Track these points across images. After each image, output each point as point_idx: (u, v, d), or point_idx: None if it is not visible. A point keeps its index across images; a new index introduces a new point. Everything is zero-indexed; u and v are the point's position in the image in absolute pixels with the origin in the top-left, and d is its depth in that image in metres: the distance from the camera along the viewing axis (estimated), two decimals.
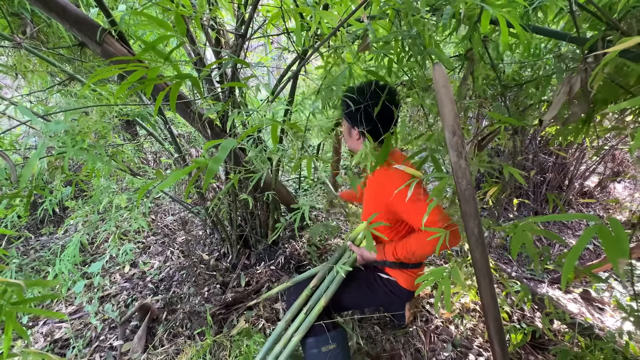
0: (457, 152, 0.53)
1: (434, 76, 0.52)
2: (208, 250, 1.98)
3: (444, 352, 1.26)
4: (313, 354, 1.05)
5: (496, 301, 0.57)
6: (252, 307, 1.51)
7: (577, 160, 2.60)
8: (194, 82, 0.54)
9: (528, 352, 1.31)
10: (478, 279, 0.56)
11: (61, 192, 1.45)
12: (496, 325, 0.58)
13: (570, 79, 0.70)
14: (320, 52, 1.18)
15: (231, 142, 0.43)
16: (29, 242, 2.28)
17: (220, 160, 0.41)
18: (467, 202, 0.53)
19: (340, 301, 1.14)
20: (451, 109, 0.52)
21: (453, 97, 0.52)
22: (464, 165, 0.53)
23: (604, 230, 0.44)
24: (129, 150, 1.72)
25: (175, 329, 1.43)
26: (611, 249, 0.44)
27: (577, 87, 0.68)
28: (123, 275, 1.87)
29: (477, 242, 0.55)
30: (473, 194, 0.54)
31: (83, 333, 1.51)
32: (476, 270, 0.56)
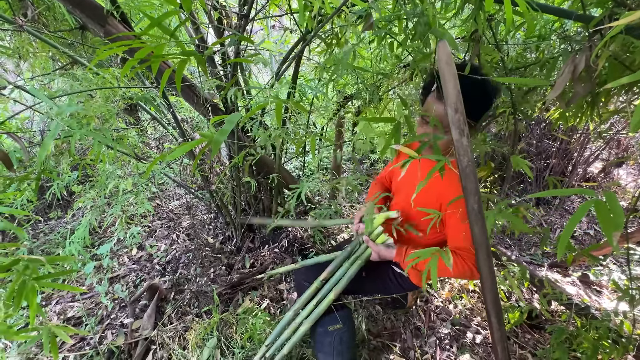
0: (460, 129, 0.54)
1: (438, 53, 0.52)
2: (213, 234, 2.02)
3: (442, 330, 1.30)
4: (320, 332, 1.08)
5: (494, 275, 0.59)
6: (257, 287, 1.56)
7: (581, 145, 2.58)
8: (198, 60, 0.55)
9: (525, 331, 1.35)
10: (477, 252, 0.58)
11: (69, 176, 1.47)
12: (493, 298, 0.60)
13: (574, 58, 0.70)
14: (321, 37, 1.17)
15: (237, 115, 0.44)
16: (38, 226, 2.34)
17: (226, 132, 0.43)
18: (467, 178, 0.55)
19: (350, 288, 1.13)
20: (454, 85, 0.52)
21: (456, 74, 0.52)
22: (466, 143, 0.54)
23: (600, 204, 0.45)
24: (133, 135, 1.73)
25: (183, 307, 1.48)
26: (606, 222, 0.45)
27: (582, 66, 0.68)
28: (131, 258, 1.91)
29: (477, 218, 0.56)
30: (474, 171, 0.55)
31: (94, 312, 1.57)
32: (475, 244, 0.58)
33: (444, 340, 1.27)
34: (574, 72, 0.70)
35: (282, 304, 1.47)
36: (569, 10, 0.76)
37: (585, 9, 0.68)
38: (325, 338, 1.07)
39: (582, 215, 0.46)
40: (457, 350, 1.23)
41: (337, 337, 1.07)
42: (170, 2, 0.49)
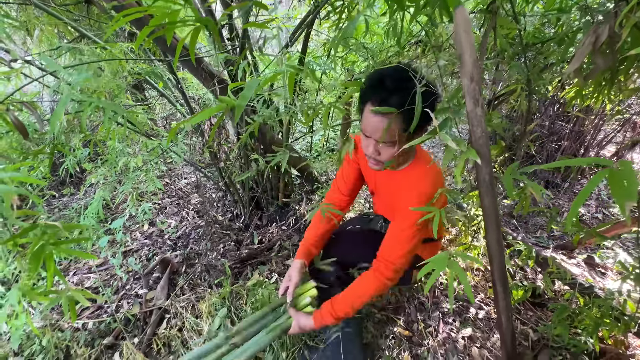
0: (474, 99, 0.53)
1: (456, 20, 0.51)
2: (222, 212, 2.06)
3: (446, 305, 1.34)
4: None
5: (502, 244, 0.60)
6: (265, 262, 1.60)
7: (595, 128, 2.52)
8: (212, 27, 0.54)
9: (527, 308, 1.38)
10: (486, 223, 0.59)
11: (81, 151, 1.50)
12: (500, 267, 0.61)
13: (597, 28, 0.67)
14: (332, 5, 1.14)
15: (256, 81, 0.44)
16: (51, 202, 2.41)
17: (247, 97, 0.43)
18: (480, 149, 0.54)
19: (356, 259, 1.17)
20: (471, 54, 0.51)
21: (474, 42, 0.51)
22: (480, 113, 0.54)
23: (614, 173, 0.45)
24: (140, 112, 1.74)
25: (195, 280, 1.54)
26: (619, 191, 0.45)
27: (604, 36, 0.65)
28: (143, 233, 1.97)
29: (488, 189, 0.57)
30: (486, 142, 0.55)
31: (110, 283, 1.64)
32: (485, 215, 0.58)
33: (447, 315, 1.30)
34: (595, 43, 0.68)
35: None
36: None
37: None
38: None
39: (597, 184, 0.46)
40: (460, 325, 1.27)
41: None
42: None
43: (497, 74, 1.71)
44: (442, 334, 1.24)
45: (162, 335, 1.29)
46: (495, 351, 1.17)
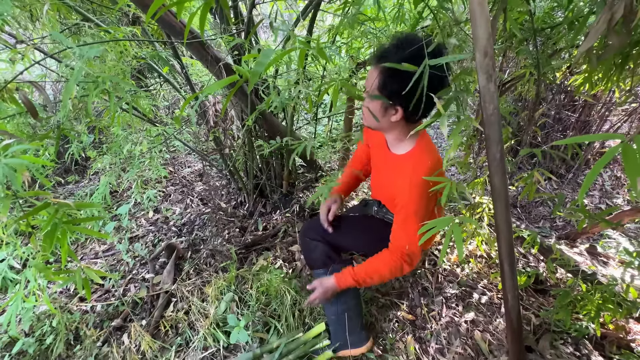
0: (487, 74, 0.52)
1: None
2: (226, 199, 2.07)
3: (449, 290, 1.35)
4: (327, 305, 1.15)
5: (510, 225, 0.60)
6: (269, 249, 1.62)
7: (601, 118, 2.49)
8: (223, 2, 0.53)
9: (530, 295, 1.39)
10: (495, 202, 0.59)
11: (87, 135, 1.50)
12: (507, 248, 0.62)
13: (612, 5, 0.66)
14: None
15: (271, 50, 0.44)
16: (56, 190, 2.42)
17: (263, 65, 0.43)
18: (491, 126, 0.54)
19: (348, 245, 1.19)
20: (485, 28, 0.50)
21: (489, 15, 0.50)
22: (493, 89, 0.53)
23: (627, 148, 0.45)
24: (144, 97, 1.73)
25: (200, 265, 1.56)
26: (632, 167, 0.45)
27: (620, 13, 0.64)
28: (148, 220, 1.99)
29: (498, 167, 0.57)
30: (499, 119, 0.55)
31: (117, 268, 1.66)
32: (493, 194, 0.59)
33: (450, 300, 1.32)
34: (611, 21, 0.67)
35: (294, 264, 1.53)
36: None
37: None
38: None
39: (608, 160, 0.46)
40: (463, 309, 1.28)
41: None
42: None
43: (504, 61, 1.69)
44: (445, 318, 1.25)
45: (169, 317, 1.32)
46: (498, 334, 1.19)
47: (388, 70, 0.78)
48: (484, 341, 1.17)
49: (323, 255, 1.13)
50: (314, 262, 1.15)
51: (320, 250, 1.14)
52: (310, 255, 1.15)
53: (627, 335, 1.21)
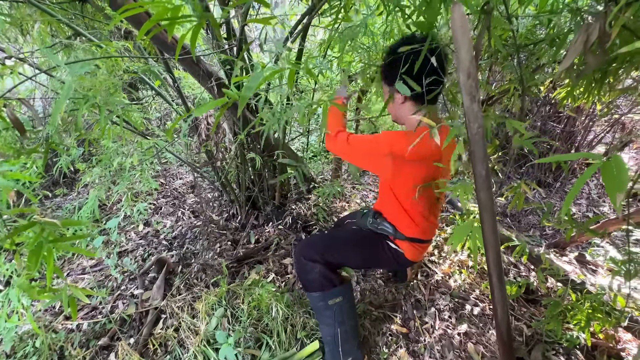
0: (471, 95, 0.54)
1: (453, 17, 0.52)
2: (218, 212, 2.06)
3: (442, 302, 1.35)
4: (320, 306, 1.11)
5: (497, 235, 0.61)
6: (262, 262, 1.60)
7: (585, 129, 2.57)
8: (214, 23, 0.54)
9: (521, 305, 1.40)
10: (482, 215, 0.60)
11: (76, 149, 1.49)
12: (495, 258, 0.63)
13: (587, 26, 0.70)
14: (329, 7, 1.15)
15: (260, 74, 0.45)
16: (44, 203, 2.37)
17: (252, 89, 0.43)
18: (476, 144, 0.56)
19: (345, 261, 1.17)
20: (468, 50, 0.52)
21: (471, 39, 0.53)
22: (477, 109, 0.55)
23: (606, 165, 0.47)
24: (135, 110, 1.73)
25: (191, 280, 1.53)
26: (611, 183, 0.47)
27: (595, 35, 0.68)
28: (138, 233, 1.95)
29: (484, 183, 0.58)
30: (483, 137, 0.56)
31: (105, 283, 1.62)
32: (480, 207, 0.60)
33: (443, 312, 1.32)
34: (587, 42, 0.70)
35: (286, 277, 1.52)
36: None
37: None
38: (325, 311, 1.11)
39: (588, 177, 0.47)
40: (456, 321, 1.28)
41: (337, 309, 1.10)
42: None
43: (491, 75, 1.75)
44: (438, 331, 1.25)
45: (158, 335, 1.28)
46: (491, 346, 1.19)
47: (388, 64, 0.93)
48: (477, 353, 1.16)
49: (320, 277, 1.10)
50: (309, 284, 1.11)
51: (317, 272, 1.10)
52: (307, 277, 1.11)
53: (617, 344, 1.22)
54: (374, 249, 1.15)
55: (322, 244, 1.15)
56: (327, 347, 1.14)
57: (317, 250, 1.12)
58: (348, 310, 1.13)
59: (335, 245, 1.16)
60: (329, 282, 1.10)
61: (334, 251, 1.14)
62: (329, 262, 1.11)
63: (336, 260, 1.13)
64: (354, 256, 1.16)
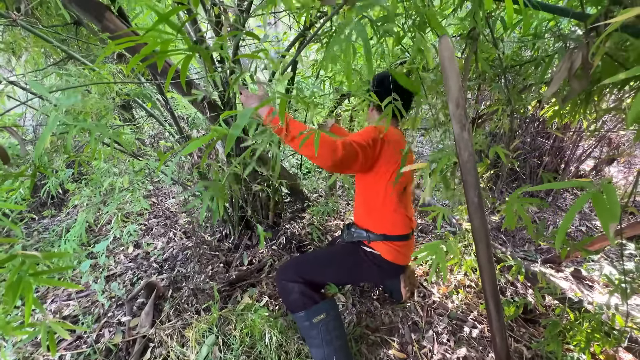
0: (461, 124, 0.55)
1: (440, 48, 0.53)
2: (210, 232, 2.02)
3: (440, 325, 1.32)
4: (306, 326, 1.10)
5: (493, 264, 0.60)
6: (255, 284, 1.56)
7: (573, 144, 2.63)
8: (204, 55, 0.55)
9: (520, 325, 1.38)
10: (476, 243, 0.59)
11: (64, 172, 1.46)
12: (492, 287, 0.61)
13: (571, 55, 0.72)
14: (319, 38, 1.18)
15: (249, 110, 0.45)
16: (30, 225, 2.30)
17: (240, 127, 0.43)
18: (468, 172, 0.56)
19: (324, 277, 1.17)
20: (456, 81, 0.53)
21: (458, 70, 0.53)
22: (467, 137, 0.55)
23: (597, 196, 0.47)
24: (128, 132, 1.72)
25: (181, 305, 1.48)
26: (603, 213, 0.46)
27: (578, 63, 0.69)
28: (127, 256, 1.90)
29: (477, 210, 0.57)
30: (474, 165, 0.56)
31: (91, 310, 1.56)
32: (474, 235, 0.59)
33: (441, 335, 1.29)
34: (571, 69, 0.72)
35: (279, 300, 1.48)
36: (566, 8, 0.78)
37: (583, 6, 0.70)
38: (311, 331, 1.10)
39: (581, 207, 0.47)
40: (454, 344, 1.25)
41: (323, 327, 1.09)
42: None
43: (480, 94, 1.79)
44: (437, 355, 1.21)
45: None
46: None
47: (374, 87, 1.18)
48: None
49: (301, 296, 1.10)
50: (291, 304, 1.12)
51: (297, 291, 1.10)
52: (288, 298, 1.11)
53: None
54: (351, 257, 1.18)
55: (299, 264, 1.18)
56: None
57: (296, 271, 1.14)
58: (334, 329, 1.11)
59: (311, 263, 1.19)
60: (309, 299, 1.10)
61: (311, 269, 1.16)
62: (309, 280, 1.13)
63: (315, 278, 1.14)
64: (333, 271, 1.18)
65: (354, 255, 1.18)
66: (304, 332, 1.12)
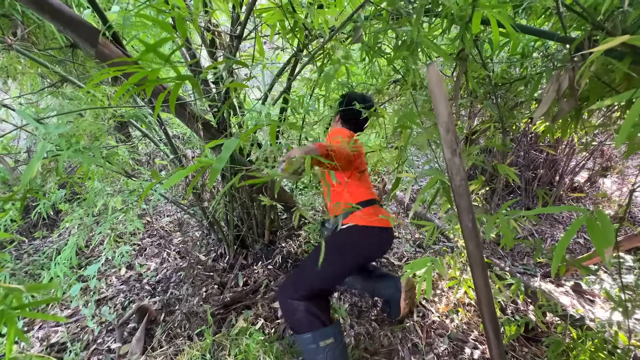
0: (452, 149, 0.55)
1: (428, 75, 0.54)
2: (205, 251, 1.98)
3: (440, 346, 1.29)
4: (312, 349, 1.06)
5: (490, 290, 0.59)
6: (250, 306, 1.52)
7: (567, 156, 2.65)
8: (193, 83, 0.55)
9: (522, 344, 1.35)
10: (472, 268, 0.58)
11: (55, 195, 1.44)
12: (490, 313, 0.60)
13: (558, 77, 0.73)
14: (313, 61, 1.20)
15: (234, 141, 0.44)
16: (22, 246, 2.25)
17: (225, 159, 0.42)
18: (461, 196, 0.55)
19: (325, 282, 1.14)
20: (445, 106, 0.53)
21: (447, 95, 0.54)
22: (458, 162, 0.55)
23: (591, 222, 0.46)
24: (123, 151, 1.71)
25: (174, 330, 1.43)
26: (598, 239, 0.46)
27: (565, 85, 0.71)
28: (119, 278, 1.85)
29: (471, 234, 0.57)
30: (467, 189, 0.56)
31: (80, 336, 1.50)
32: (470, 260, 0.58)
33: (442, 357, 1.25)
34: (559, 91, 0.73)
35: (276, 322, 1.44)
36: (550, 32, 0.80)
37: (566, 31, 0.72)
38: (317, 355, 1.06)
39: (574, 233, 0.46)
40: None
41: (330, 352, 1.06)
42: (165, 27, 0.50)
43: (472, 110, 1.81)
44: None
45: None
46: None
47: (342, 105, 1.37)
48: None
49: (307, 314, 1.06)
50: (297, 325, 1.08)
51: (302, 310, 1.07)
52: (293, 317, 1.08)
53: None
54: (335, 246, 1.18)
55: (297, 279, 1.16)
56: None
57: (295, 287, 1.11)
58: (340, 355, 1.08)
59: (306, 274, 1.16)
60: (316, 319, 1.07)
61: (308, 279, 1.13)
62: (312, 294, 1.10)
63: (315, 287, 1.11)
64: (328, 270, 1.14)
65: (336, 243, 1.18)
66: (309, 355, 1.08)
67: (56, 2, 0.96)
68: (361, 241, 1.18)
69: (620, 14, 0.69)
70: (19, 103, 1.85)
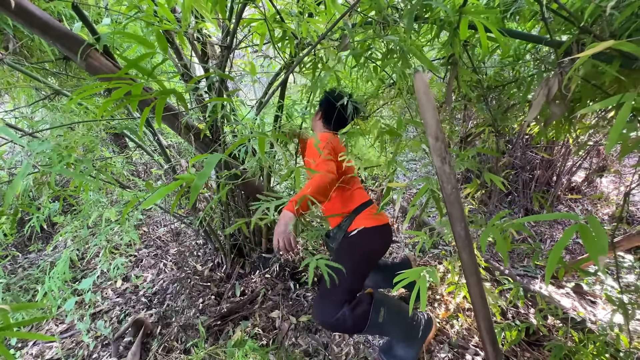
0: (441, 157, 0.54)
1: (415, 84, 0.53)
2: (202, 261, 1.96)
3: (441, 354, 1.27)
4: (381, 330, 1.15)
5: (485, 300, 0.58)
6: (247, 317, 1.50)
7: (563, 157, 2.65)
8: (178, 97, 0.54)
9: (523, 349, 1.33)
10: (467, 278, 0.57)
11: (49, 208, 1.42)
12: (487, 325, 0.58)
13: (547, 81, 0.73)
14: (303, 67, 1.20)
15: (216, 156, 0.43)
16: (16, 260, 2.23)
17: (206, 175, 0.41)
18: (452, 205, 0.54)
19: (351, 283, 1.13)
20: (433, 115, 0.53)
21: (435, 103, 0.53)
22: (448, 170, 0.54)
23: (584, 229, 0.45)
24: (118, 162, 1.70)
25: (170, 343, 1.41)
26: (591, 246, 0.45)
27: (555, 89, 0.70)
28: (115, 290, 1.83)
29: (464, 244, 0.56)
30: (458, 197, 0.55)
31: (75, 352, 1.48)
32: (464, 270, 0.57)
33: None
34: (549, 95, 0.72)
35: (274, 333, 1.42)
36: (539, 36, 0.80)
37: (551, 35, 0.72)
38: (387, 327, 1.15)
39: (567, 241, 0.46)
40: None
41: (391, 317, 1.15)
42: (147, 44, 0.49)
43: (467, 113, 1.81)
44: None
45: None
46: None
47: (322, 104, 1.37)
48: None
49: (352, 314, 1.07)
50: (354, 328, 1.09)
51: (348, 315, 1.07)
52: (345, 326, 1.08)
53: None
54: (348, 252, 1.20)
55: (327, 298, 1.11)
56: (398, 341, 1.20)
57: (333, 304, 1.09)
58: (393, 307, 1.17)
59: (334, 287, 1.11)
60: (361, 309, 1.10)
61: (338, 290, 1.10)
62: (345, 299, 1.10)
63: (350, 291, 1.12)
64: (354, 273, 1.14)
65: (354, 248, 1.20)
66: (386, 333, 1.17)
67: (45, 16, 0.96)
68: (375, 240, 1.23)
69: (607, 17, 0.69)
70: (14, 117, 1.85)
